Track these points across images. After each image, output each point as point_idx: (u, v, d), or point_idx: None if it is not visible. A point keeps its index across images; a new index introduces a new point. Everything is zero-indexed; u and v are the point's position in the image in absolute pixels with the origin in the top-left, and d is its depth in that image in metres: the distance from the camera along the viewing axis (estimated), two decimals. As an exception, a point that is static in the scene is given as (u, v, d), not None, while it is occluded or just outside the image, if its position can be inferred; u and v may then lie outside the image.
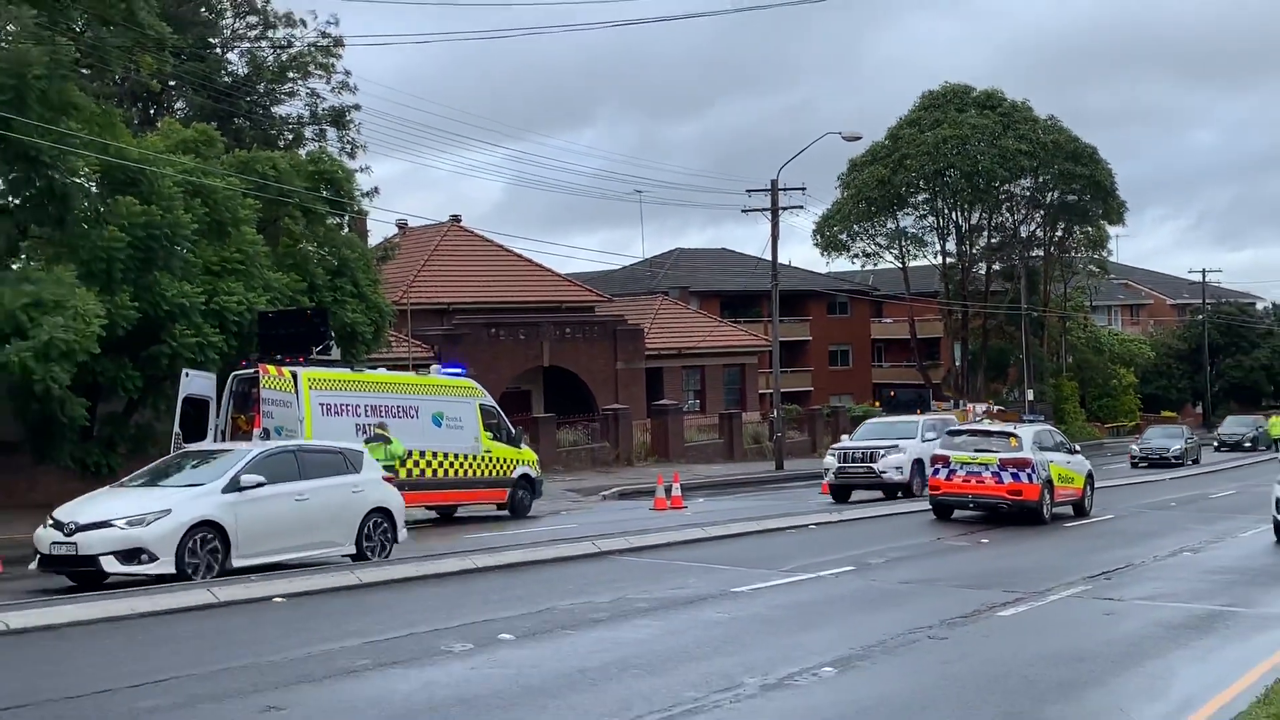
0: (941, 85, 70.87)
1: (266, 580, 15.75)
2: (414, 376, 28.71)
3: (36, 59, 25.80)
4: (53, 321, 24.70)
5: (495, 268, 55.59)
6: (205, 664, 11.16)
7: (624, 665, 11.13)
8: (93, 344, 25.32)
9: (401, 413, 25.99)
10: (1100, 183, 69.24)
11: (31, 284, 25.48)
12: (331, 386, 25.01)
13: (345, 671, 10.89)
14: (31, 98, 25.92)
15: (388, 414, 25.42)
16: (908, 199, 70.40)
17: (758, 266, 58.88)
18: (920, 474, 30.45)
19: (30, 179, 26.94)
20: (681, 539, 21.53)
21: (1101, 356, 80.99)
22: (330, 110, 41.18)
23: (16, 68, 25.60)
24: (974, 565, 18.97)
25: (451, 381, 28.41)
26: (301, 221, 33.28)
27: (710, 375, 60.42)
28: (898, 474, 31.39)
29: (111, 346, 27.13)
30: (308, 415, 24.03)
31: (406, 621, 13.41)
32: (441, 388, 27.99)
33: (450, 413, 27.31)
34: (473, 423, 27.89)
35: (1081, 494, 26.96)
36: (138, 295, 27.31)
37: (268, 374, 24.41)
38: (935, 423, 32.94)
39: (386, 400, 25.94)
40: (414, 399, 26.75)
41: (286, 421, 24.00)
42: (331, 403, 24.74)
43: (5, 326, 24.88)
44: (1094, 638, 12.86)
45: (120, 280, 27.08)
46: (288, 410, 24.08)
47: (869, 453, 31.87)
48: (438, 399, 27.38)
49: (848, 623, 13.65)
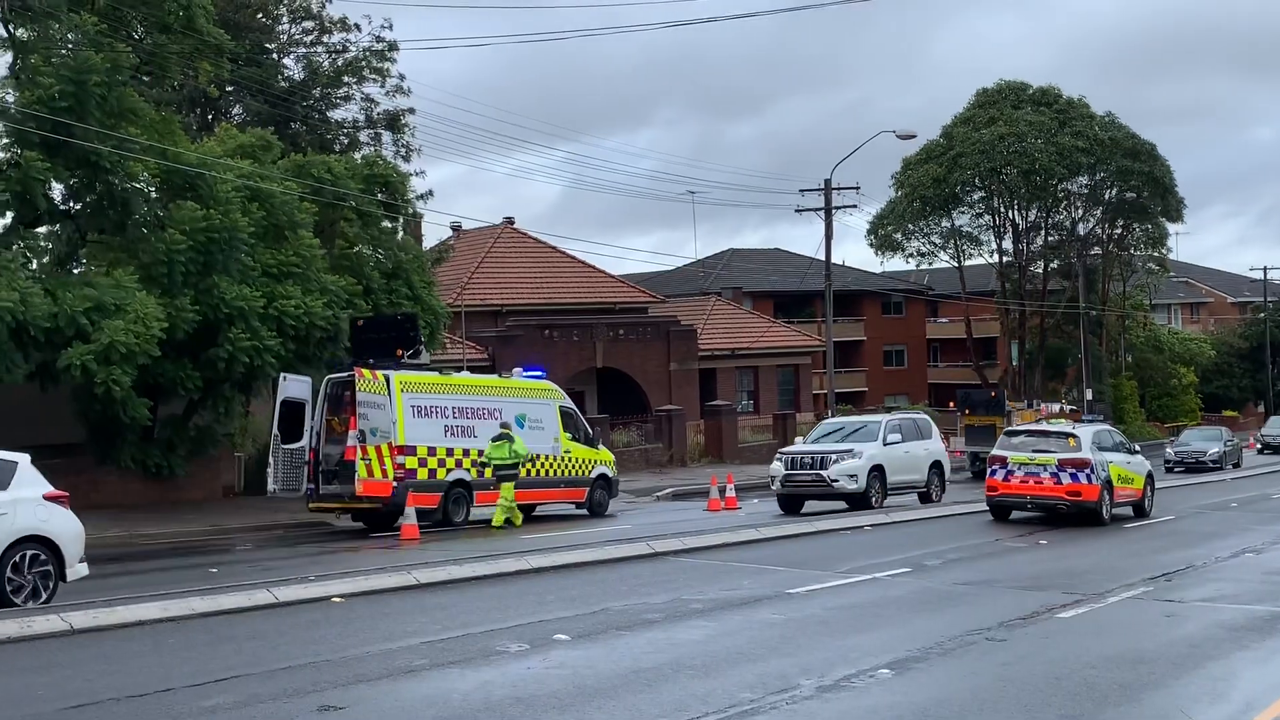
0: (996, 82, 70.43)
1: (324, 581, 15.88)
2: (497, 379, 29.58)
3: (97, 66, 26.21)
4: (114, 325, 25.09)
5: (549, 269, 55.79)
6: (265, 663, 11.27)
7: (679, 666, 11.13)
8: (153, 347, 25.69)
9: (486, 414, 26.93)
10: (1159, 179, 68.46)
11: (92, 288, 25.90)
12: (421, 389, 25.95)
13: (402, 671, 10.96)
14: (91, 104, 26.35)
15: (473, 415, 26.63)
16: (963, 197, 69.93)
17: (811, 266, 58.65)
18: (881, 482, 27.95)
19: (91, 184, 27.38)
20: (736, 540, 21.49)
21: (1161, 355, 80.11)
22: (385, 114, 41.51)
23: (77, 74, 26.02)
24: (1032, 567, 18.81)
25: (532, 384, 29.26)
26: (357, 225, 33.57)
27: (764, 376, 60.29)
28: (851, 483, 27.47)
29: (172, 349, 27.52)
30: (399, 417, 25.06)
31: (463, 622, 13.47)
32: (523, 390, 28.85)
33: (532, 414, 28.22)
34: (553, 424, 28.85)
35: (1141, 495, 26.68)
36: (197, 298, 27.68)
37: (362, 377, 25.15)
38: (901, 424, 29.84)
39: (472, 402, 26.91)
40: (498, 401, 27.60)
41: (380, 423, 24.98)
42: (421, 405, 25.70)
43: (67, 330, 25.29)
44: (1155, 640, 12.72)
45: (181, 284, 27.47)
46: (381, 412, 24.99)
47: (820, 458, 27.80)
48: (520, 401, 28.29)
49: (904, 624, 13.57)
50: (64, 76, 25.93)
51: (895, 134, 47.33)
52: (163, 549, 23.68)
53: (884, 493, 28.16)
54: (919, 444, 29.80)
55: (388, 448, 24.84)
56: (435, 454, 25.72)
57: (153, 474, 30.40)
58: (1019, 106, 67.90)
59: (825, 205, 48.00)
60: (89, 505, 28.46)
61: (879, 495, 27.90)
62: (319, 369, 30.15)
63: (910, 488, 29.55)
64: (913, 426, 30.19)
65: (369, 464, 24.85)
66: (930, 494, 29.84)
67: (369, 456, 24.86)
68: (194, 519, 27.82)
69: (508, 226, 58.12)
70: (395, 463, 24.83)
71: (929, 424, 31.13)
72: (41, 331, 24.90)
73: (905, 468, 29.14)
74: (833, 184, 48.14)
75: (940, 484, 30.28)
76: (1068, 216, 72.56)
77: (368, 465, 24.85)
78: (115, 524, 25.84)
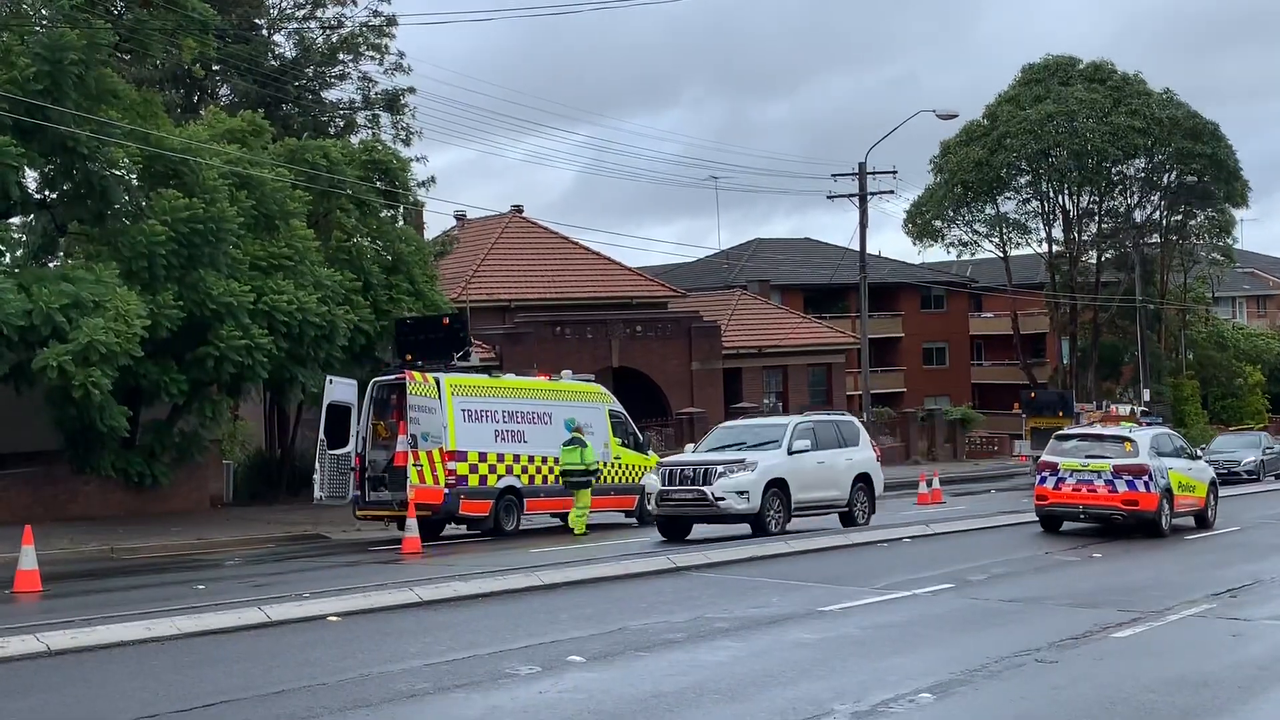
0: (1044, 57, 70.21)
1: (319, 598, 15.92)
2: (547, 382, 30.01)
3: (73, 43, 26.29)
4: (92, 323, 25.16)
5: (560, 262, 55.85)
6: (256, 687, 11.30)
7: (702, 690, 11.12)
8: (135, 346, 25.78)
9: (537, 418, 27.80)
10: (1222, 162, 68.19)
11: (70, 283, 25.98)
12: (471, 392, 26.78)
13: (404, 695, 10.98)
14: (68, 84, 26.44)
15: (523, 420, 27.49)
16: (1008, 182, 69.78)
17: (844, 257, 58.67)
18: (783, 501, 24.70)
19: (68, 171, 27.48)
20: (764, 553, 21.46)
21: (1225, 353, 79.77)
22: (383, 94, 41.62)
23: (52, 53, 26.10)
24: (1085, 582, 18.75)
25: (583, 387, 30.24)
26: (354, 214, 33.68)
27: (793, 375, 60.25)
28: (741, 501, 24.10)
29: (155, 349, 27.62)
30: (450, 421, 25.80)
31: (469, 642, 13.49)
32: (573, 393, 29.60)
33: (582, 418, 28.31)
34: (603, 429, 29.48)
35: (1204, 504, 26.60)
36: (182, 294, 27.78)
37: (414, 380, 26.04)
38: (811, 427, 26.22)
39: (522, 406, 27.75)
40: (548, 405, 28.35)
41: (431, 428, 25.81)
42: (472, 408, 26.49)
43: (43, 328, 25.38)
44: (1219, 661, 12.67)
45: (163, 278, 27.57)
46: (432, 416, 25.83)
47: (703, 471, 24.51)
48: (570, 404, 28.81)
49: (947, 644, 13.54)
50: (38, 55, 26.04)
51: (935, 114, 47.37)
52: (145, 564, 23.74)
53: (787, 514, 24.83)
54: (838, 453, 26.30)
55: (439, 453, 25.56)
56: (486, 460, 26.48)
57: (135, 483, 30.51)
58: (1069, 83, 67.73)
59: (860, 191, 48.04)
60: (66, 517, 28.68)
61: (779, 517, 24.59)
62: (313, 370, 30.26)
63: (827, 507, 26.35)
64: (831, 431, 26.63)
65: (420, 470, 25.54)
66: (854, 514, 26.52)
67: (420, 462, 25.56)
68: (179, 531, 27.92)
69: (516, 215, 58.18)
70: (446, 469, 25.60)
71: (855, 428, 27.85)
72: (15, 330, 25.01)
73: (818, 483, 25.70)
74: (868, 168, 48.13)
75: (869, 503, 27.00)
76: (1123, 202, 72.36)
77: (419, 471, 25.53)
78: (94, 537, 25.95)
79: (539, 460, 27.30)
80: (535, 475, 27.17)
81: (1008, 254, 72.58)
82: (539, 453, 27.30)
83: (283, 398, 34.74)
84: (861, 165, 48.05)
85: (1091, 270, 72.59)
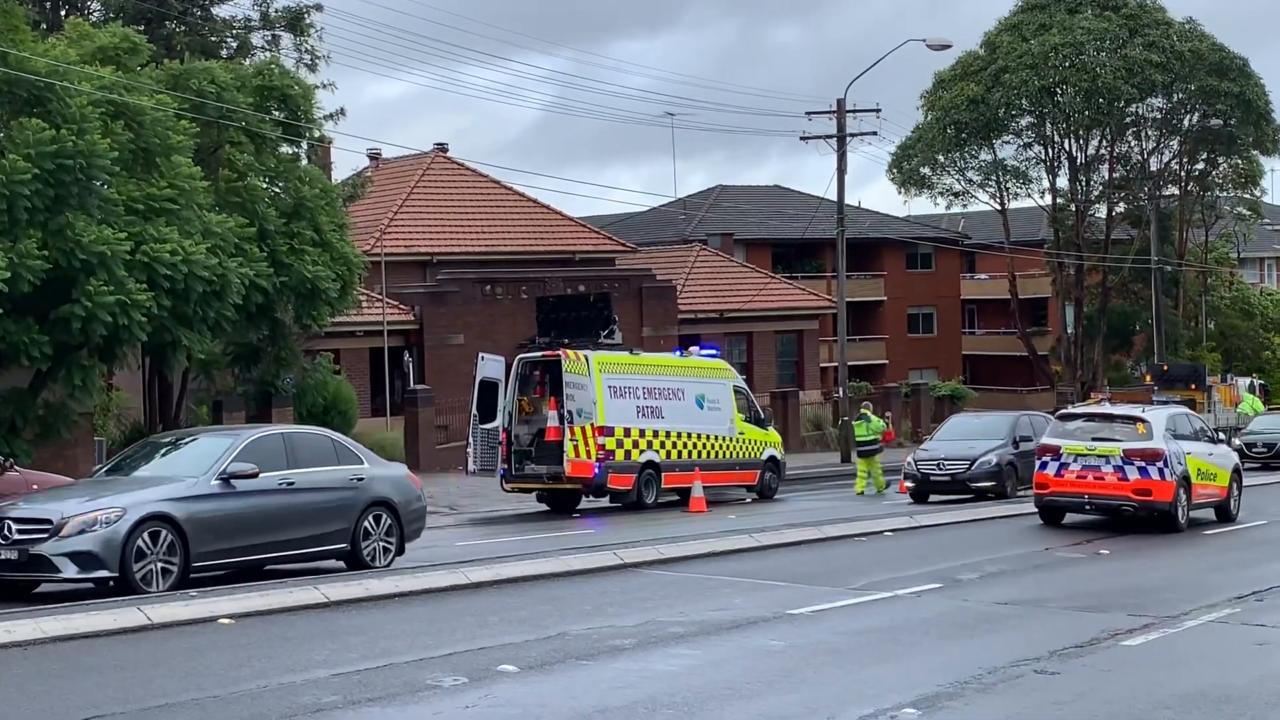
0: (1050, -21, 70.30)
1: (210, 597, 15.86)
2: (677, 359, 35.16)
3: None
4: (-62, 275, 24.80)
5: (491, 209, 55.67)
6: (136, 700, 11.25)
7: (654, 705, 11.18)
8: (-10, 302, 25.43)
9: (670, 394, 32.72)
10: (1252, 103, 68.68)
11: (-89, 227, 25.57)
12: (616, 369, 31.55)
13: (308, 710, 10.97)
14: (-91, -7, 25.95)
15: (660, 396, 32.26)
16: (1007, 123, 70.04)
17: (819, 209, 58.74)
18: None
19: (-90, 96, 27.02)
20: (725, 548, 21.59)
21: (1252, 321, 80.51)
22: (285, 11, 41.23)
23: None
24: (1091, 582, 18.96)
25: (709, 363, 35.31)
26: (248, 150, 33.35)
27: (759, 344, 60.42)
28: None
29: (14, 306, 27.29)
30: (600, 398, 30.51)
31: (384, 649, 13.50)
32: (701, 369, 34.67)
33: (710, 395, 33.85)
34: (729, 405, 34.44)
35: (1226, 494, 26.84)
36: (46, 242, 27.42)
37: (569, 358, 30.54)
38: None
39: (659, 383, 32.58)
40: (680, 380, 33.34)
41: (583, 404, 30.44)
42: (617, 385, 31.28)
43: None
44: (1243, 674, 12.85)
45: (25, 223, 27.19)
46: (584, 393, 30.49)
47: None
48: (700, 380, 33.99)
49: (934, 653, 13.67)
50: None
51: (926, 43, 47.34)
52: (4, 557, 23.53)
53: None
54: None
55: (590, 429, 30.31)
56: (630, 435, 31.31)
57: (-12, 461, 30.19)
58: (1076, 10, 67.99)
59: (838, 132, 48.03)
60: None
61: None
62: (201, 332, 30.04)
63: None
64: None
65: (575, 444, 30.20)
66: None
67: (575, 437, 30.20)
68: (43, 519, 27.61)
69: (439, 155, 57.85)
70: (597, 444, 30.32)
71: None
72: None
73: None
74: (847, 105, 48.13)
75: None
76: (1137, 148, 72.85)
77: (575, 446, 30.19)
78: (-57, 525, 25.66)
79: (675, 435, 32.30)
80: (671, 450, 32.11)
81: (1005, 206, 72.94)
82: (675, 428, 32.32)
83: (165, 364, 34.34)
84: (840, 102, 47.97)
85: (1100, 226, 73.09)
